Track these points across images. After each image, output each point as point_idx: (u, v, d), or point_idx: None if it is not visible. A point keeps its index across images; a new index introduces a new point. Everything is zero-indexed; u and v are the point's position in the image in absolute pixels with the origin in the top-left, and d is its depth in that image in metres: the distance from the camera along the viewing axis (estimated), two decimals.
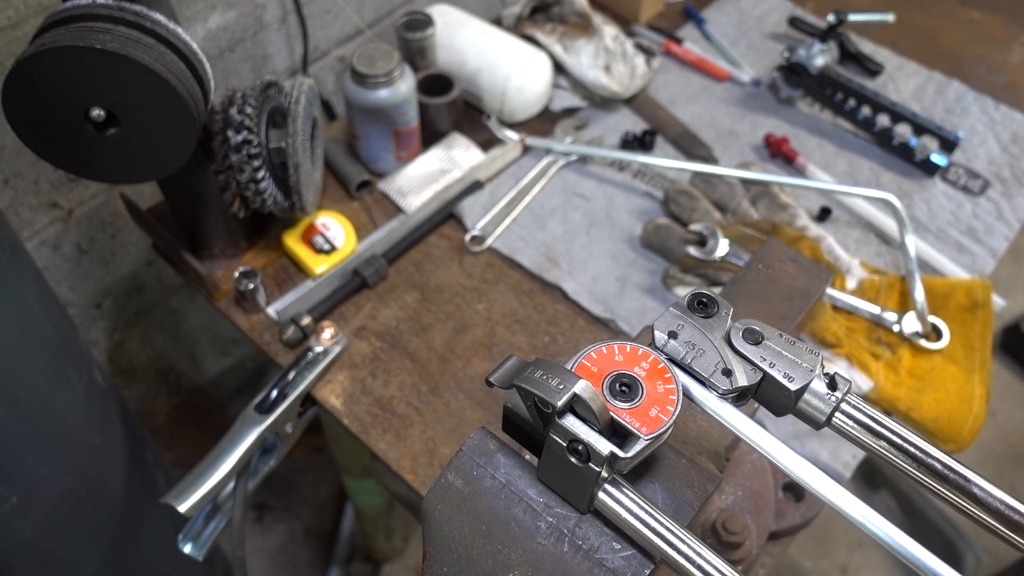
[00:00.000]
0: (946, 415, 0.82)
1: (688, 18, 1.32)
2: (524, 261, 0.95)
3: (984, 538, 1.79)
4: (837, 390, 0.42)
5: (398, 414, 0.82)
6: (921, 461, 0.41)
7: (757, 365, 0.43)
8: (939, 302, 0.91)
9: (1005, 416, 2.01)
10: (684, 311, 0.45)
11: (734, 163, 1.08)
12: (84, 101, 0.65)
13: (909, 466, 0.42)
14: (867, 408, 0.42)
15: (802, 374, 0.42)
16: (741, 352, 0.43)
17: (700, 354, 0.44)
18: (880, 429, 0.42)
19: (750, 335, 0.44)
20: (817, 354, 0.43)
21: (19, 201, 0.96)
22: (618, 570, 0.40)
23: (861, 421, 0.42)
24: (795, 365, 0.43)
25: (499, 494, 0.42)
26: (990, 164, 1.11)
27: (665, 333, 0.44)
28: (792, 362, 0.43)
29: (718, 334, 0.44)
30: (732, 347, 0.44)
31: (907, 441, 0.41)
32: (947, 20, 1.36)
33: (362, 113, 0.95)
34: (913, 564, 0.37)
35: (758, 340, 0.44)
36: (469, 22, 1.11)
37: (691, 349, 0.44)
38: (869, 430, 0.42)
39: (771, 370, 0.42)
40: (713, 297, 0.45)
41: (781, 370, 0.42)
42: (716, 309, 0.45)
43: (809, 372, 0.42)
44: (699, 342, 0.44)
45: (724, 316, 0.45)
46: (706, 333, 0.44)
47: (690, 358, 0.43)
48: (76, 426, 0.79)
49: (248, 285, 0.86)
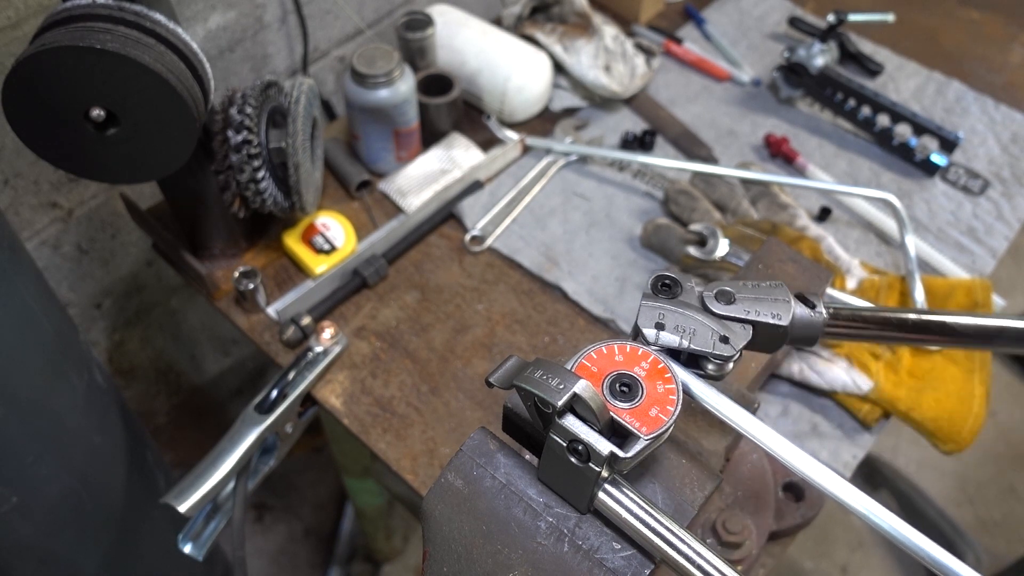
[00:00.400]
0: (946, 415, 0.82)
1: (688, 18, 1.32)
2: (524, 261, 0.95)
3: (984, 538, 1.80)
4: (816, 307, 0.45)
5: (398, 414, 0.82)
6: (923, 325, 0.45)
7: (745, 320, 0.45)
8: (939, 302, 0.91)
9: (1005, 416, 2.01)
10: (655, 299, 0.46)
11: (734, 163, 1.08)
12: (84, 101, 0.65)
13: (913, 334, 0.45)
14: (848, 303, 0.46)
15: (784, 308, 0.45)
16: (724, 315, 0.45)
17: (693, 333, 0.44)
18: (868, 314, 0.45)
19: (723, 296, 0.46)
20: (781, 284, 0.46)
21: (19, 201, 0.96)
22: (618, 570, 0.40)
23: (848, 316, 0.45)
24: (774, 303, 0.46)
25: (499, 494, 0.42)
26: (990, 164, 1.11)
27: (652, 327, 0.45)
28: (770, 302, 0.46)
29: (695, 309, 0.45)
30: (714, 314, 0.45)
31: (897, 314, 0.45)
32: (947, 20, 1.36)
33: (362, 113, 0.95)
34: (918, 555, 0.38)
35: (731, 299, 0.46)
36: (469, 22, 1.11)
37: (683, 333, 0.44)
38: (859, 320, 0.45)
39: (759, 318, 0.45)
40: (674, 276, 0.46)
41: (766, 314, 0.45)
42: (679, 287, 0.46)
43: (788, 304, 0.45)
44: (685, 323, 0.45)
45: (690, 288, 0.46)
46: (687, 313, 0.45)
47: (687, 341, 0.44)
48: (76, 426, 0.79)
49: (248, 285, 0.86)
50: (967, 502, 1.86)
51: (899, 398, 0.82)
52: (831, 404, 0.85)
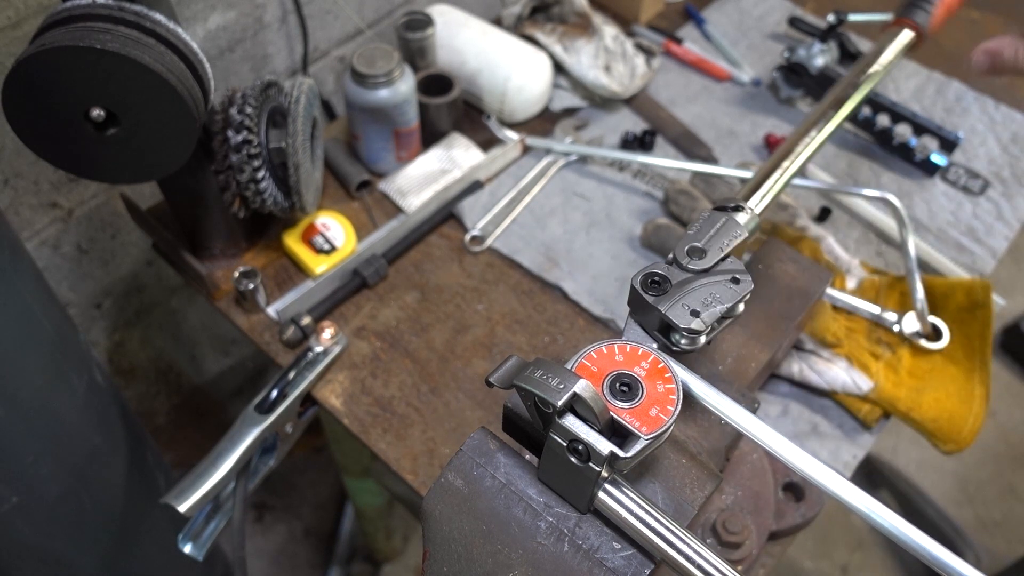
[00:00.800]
0: (946, 415, 0.82)
1: (688, 18, 1.32)
2: (524, 261, 0.95)
3: (984, 538, 1.80)
4: (741, 211, 0.52)
5: (398, 414, 0.82)
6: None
7: (724, 267, 0.48)
8: (939, 302, 0.91)
9: (1005, 416, 2.01)
10: (644, 302, 0.46)
11: (734, 163, 1.08)
12: (84, 101, 0.65)
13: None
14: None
15: (734, 227, 0.50)
16: (703, 268, 0.48)
17: (686, 304, 0.46)
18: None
19: (695, 252, 0.48)
20: (732, 207, 0.53)
21: (19, 201, 0.96)
22: (618, 570, 0.40)
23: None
24: (733, 228, 0.50)
25: (499, 494, 0.42)
26: (990, 164, 1.11)
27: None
28: (728, 234, 0.50)
29: (686, 284, 0.47)
30: (699, 271, 0.47)
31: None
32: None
33: (362, 113, 0.95)
34: (919, 554, 0.37)
35: (702, 252, 0.48)
36: (469, 22, 1.11)
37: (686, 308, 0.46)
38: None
39: (727, 248, 0.49)
40: (662, 274, 0.47)
41: (726, 241, 0.50)
42: (668, 283, 0.46)
43: (736, 223, 0.50)
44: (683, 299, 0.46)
45: (678, 278, 0.47)
46: (681, 291, 0.47)
47: (701, 308, 0.45)
48: (76, 426, 0.79)
49: (248, 285, 0.86)
50: (967, 502, 1.86)
51: (899, 398, 0.82)
52: (831, 404, 0.85)
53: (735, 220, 0.51)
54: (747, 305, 0.67)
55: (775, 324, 0.67)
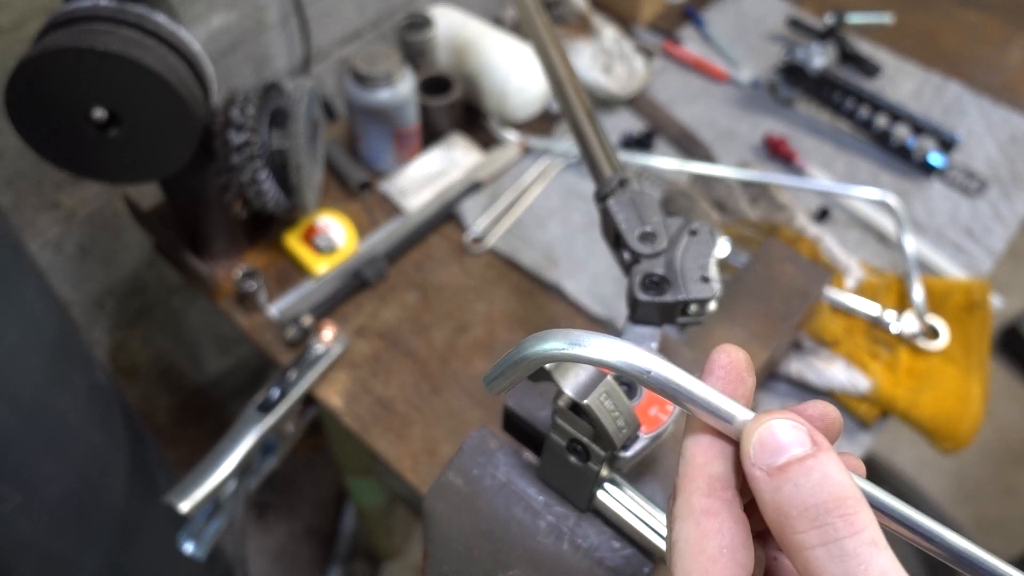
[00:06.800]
0: (944, 415, 0.82)
1: (687, 19, 1.32)
2: (524, 261, 0.96)
3: (982, 537, 1.80)
4: (628, 182, 0.53)
5: (399, 413, 0.83)
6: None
7: (672, 231, 0.49)
8: (937, 302, 0.91)
9: (1003, 416, 2.02)
10: (665, 305, 0.46)
11: (733, 163, 1.09)
12: (86, 102, 0.66)
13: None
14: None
15: (641, 187, 0.52)
16: (664, 246, 0.48)
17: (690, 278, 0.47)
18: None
19: (647, 237, 0.49)
20: (619, 183, 0.53)
21: (22, 202, 0.96)
22: (617, 569, 0.40)
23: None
24: (644, 198, 0.52)
25: (499, 493, 0.43)
26: (988, 164, 1.11)
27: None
28: (649, 206, 0.51)
29: (671, 266, 0.48)
30: (664, 248, 0.48)
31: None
32: (946, 21, 1.36)
33: (363, 114, 0.96)
34: (928, 537, 0.38)
35: (652, 235, 0.49)
36: (469, 23, 1.11)
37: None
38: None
39: (660, 214, 0.51)
40: (661, 275, 0.47)
41: (652, 210, 0.51)
42: (667, 284, 0.47)
43: (639, 184, 0.52)
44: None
45: (674, 277, 0.47)
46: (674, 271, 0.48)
47: (702, 271, 0.46)
48: (78, 425, 0.79)
49: (250, 285, 0.86)
50: (965, 501, 1.87)
51: (897, 397, 0.83)
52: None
53: (637, 191, 0.52)
54: (746, 304, 0.68)
55: (773, 324, 0.68)
